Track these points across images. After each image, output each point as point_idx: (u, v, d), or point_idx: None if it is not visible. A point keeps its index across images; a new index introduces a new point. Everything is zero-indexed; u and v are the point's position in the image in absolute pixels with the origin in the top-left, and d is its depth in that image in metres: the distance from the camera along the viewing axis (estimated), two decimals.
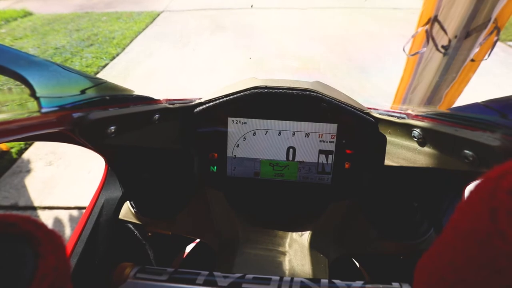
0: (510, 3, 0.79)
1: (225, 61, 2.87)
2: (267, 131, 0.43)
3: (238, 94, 0.41)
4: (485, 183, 0.14)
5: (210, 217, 0.49)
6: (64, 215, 1.55)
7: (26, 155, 1.94)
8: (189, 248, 0.56)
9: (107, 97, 0.31)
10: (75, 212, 1.56)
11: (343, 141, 0.42)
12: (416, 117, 0.35)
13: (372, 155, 0.41)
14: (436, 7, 0.91)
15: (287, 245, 0.49)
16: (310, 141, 0.42)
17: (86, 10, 4.67)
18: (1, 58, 0.24)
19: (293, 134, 0.42)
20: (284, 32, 3.37)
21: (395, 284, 0.28)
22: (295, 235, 0.50)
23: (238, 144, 0.44)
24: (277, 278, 0.29)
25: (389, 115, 0.38)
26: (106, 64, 2.97)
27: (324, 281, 0.28)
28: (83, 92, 0.29)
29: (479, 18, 0.87)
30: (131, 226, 0.43)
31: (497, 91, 2.26)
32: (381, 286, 0.28)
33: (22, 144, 2.02)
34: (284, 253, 0.48)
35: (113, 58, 3.10)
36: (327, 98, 0.40)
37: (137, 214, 0.44)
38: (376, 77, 2.40)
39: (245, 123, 0.43)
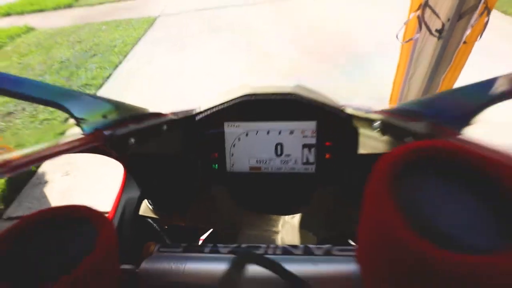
0: None
1: (219, 61, 2.91)
2: (257, 132, 0.50)
3: (231, 102, 0.48)
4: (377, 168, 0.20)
5: (216, 208, 0.57)
6: None
7: (43, 167, 2.04)
8: (202, 238, 0.65)
9: (127, 116, 0.40)
10: None
11: (322, 135, 0.49)
12: (376, 112, 0.41)
13: (347, 145, 0.48)
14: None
15: (280, 226, 0.59)
16: (294, 137, 0.50)
17: (85, 21, 4.75)
18: (49, 94, 0.33)
19: (279, 132, 0.50)
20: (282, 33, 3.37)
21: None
22: (287, 217, 0.59)
23: (234, 144, 0.52)
24: (265, 245, 0.36)
25: (358, 110, 0.45)
26: (110, 75, 3.04)
27: (301, 246, 0.35)
28: (110, 114, 0.38)
29: (469, 0, 0.88)
30: (150, 220, 0.51)
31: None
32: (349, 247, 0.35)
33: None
34: (277, 232, 0.58)
35: (116, 67, 3.17)
36: (305, 99, 0.47)
37: (154, 210, 0.52)
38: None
39: (239, 126, 0.51)
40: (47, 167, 2.01)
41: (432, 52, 1.05)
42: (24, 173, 1.97)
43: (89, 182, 1.83)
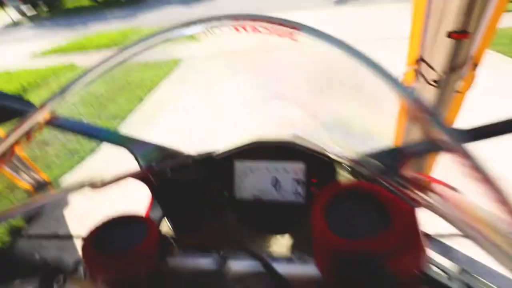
0: (483, 45, 0.91)
1: (235, 100, 3.12)
2: (259, 168, 0.63)
3: (242, 147, 0.63)
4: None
5: (226, 229, 0.69)
6: None
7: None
8: None
9: (167, 155, 0.58)
10: None
11: (309, 174, 0.61)
12: (349, 159, 0.54)
13: (328, 182, 0.60)
14: (420, 50, 1.04)
15: (274, 243, 0.73)
16: (287, 174, 0.62)
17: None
18: (120, 139, 0.54)
19: (277, 169, 0.62)
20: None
21: None
22: (279, 236, 0.73)
23: (241, 178, 0.65)
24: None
25: (338, 156, 0.57)
26: (135, 106, 3.33)
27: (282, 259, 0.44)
28: (155, 153, 0.57)
29: (460, 57, 0.99)
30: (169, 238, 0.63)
31: None
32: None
33: (61, 175, 2.27)
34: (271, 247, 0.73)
35: (141, 100, 3.47)
36: (298, 146, 0.61)
37: (173, 229, 0.64)
38: None
39: (246, 163, 0.64)
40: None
41: (431, 99, 1.14)
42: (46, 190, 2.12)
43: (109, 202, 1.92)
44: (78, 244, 1.70)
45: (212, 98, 3.27)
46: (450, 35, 0.95)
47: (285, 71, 3.64)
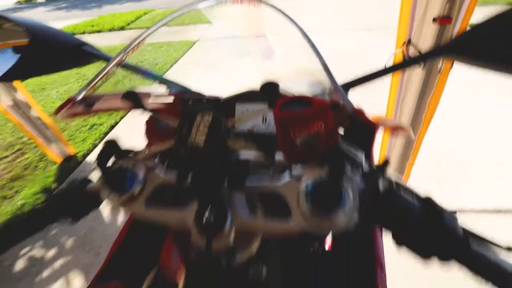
0: (461, 28, 1.01)
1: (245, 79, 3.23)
2: (253, 109, 0.69)
3: (240, 95, 0.68)
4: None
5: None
6: None
7: (89, 158, 2.41)
8: None
9: (190, 91, 0.65)
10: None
11: None
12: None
13: None
14: (408, 32, 1.14)
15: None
16: (271, 112, 0.74)
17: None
18: (158, 78, 0.57)
19: (265, 109, 0.67)
20: None
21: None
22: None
23: (239, 116, 0.72)
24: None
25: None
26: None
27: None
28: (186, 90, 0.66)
29: (444, 40, 1.08)
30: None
31: None
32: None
33: (86, 149, 2.50)
34: None
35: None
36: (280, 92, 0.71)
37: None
38: None
39: (244, 106, 0.70)
40: (92, 158, 2.38)
41: (419, 79, 1.24)
42: (72, 162, 2.36)
43: None
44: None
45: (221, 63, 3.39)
46: (435, 20, 1.05)
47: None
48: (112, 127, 2.82)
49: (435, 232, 0.29)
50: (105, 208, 1.90)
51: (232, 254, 0.35)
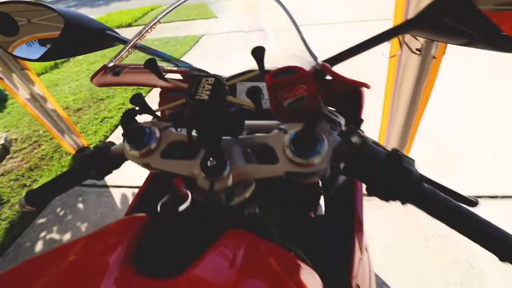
0: None
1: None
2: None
3: (241, 74, 0.69)
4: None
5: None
6: (129, 192, 2.04)
7: None
8: None
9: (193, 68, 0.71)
10: (136, 191, 2.03)
11: None
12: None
13: None
14: (403, 18, 1.18)
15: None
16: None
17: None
18: (176, 61, 0.65)
19: (262, 87, 0.73)
20: None
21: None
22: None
23: (240, 93, 0.77)
24: None
25: None
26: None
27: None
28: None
29: None
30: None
31: None
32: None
33: (97, 140, 2.62)
34: None
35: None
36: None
37: None
38: None
39: (244, 84, 0.76)
40: None
41: (415, 66, 1.28)
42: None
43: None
44: (113, 191, 2.05)
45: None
46: None
47: None
48: None
49: (395, 176, 0.35)
50: (116, 196, 2.01)
51: (231, 196, 0.43)
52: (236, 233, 0.32)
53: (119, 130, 2.77)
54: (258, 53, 0.38)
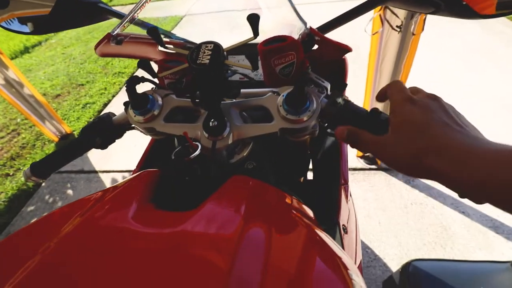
0: None
1: None
2: (245, 59, 0.77)
3: (233, 46, 0.75)
4: None
5: None
6: (118, 176, 2.03)
7: None
8: None
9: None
10: (126, 175, 2.03)
11: None
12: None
13: None
14: None
15: None
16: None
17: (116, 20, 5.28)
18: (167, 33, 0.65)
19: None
20: None
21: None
22: None
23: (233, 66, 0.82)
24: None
25: None
26: None
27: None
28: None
29: None
30: None
31: None
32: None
33: (81, 126, 2.55)
34: None
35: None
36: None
37: None
38: None
39: (234, 57, 0.74)
40: None
41: (396, 43, 1.33)
42: (69, 140, 2.42)
43: (126, 143, 2.22)
44: (102, 177, 2.05)
45: None
46: None
47: None
48: (105, 104, 2.86)
49: (375, 126, 0.40)
50: (105, 180, 2.01)
51: (231, 154, 0.47)
52: (241, 177, 0.36)
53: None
54: (253, 19, 0.41)
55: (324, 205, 0.56)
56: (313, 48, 0.55)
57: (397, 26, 1.28)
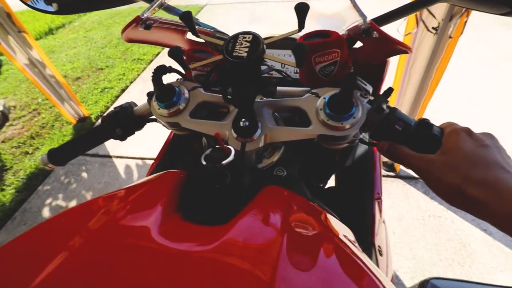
0: None
1: None
2: (278, 54, 0.68)
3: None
4: None
5: None
6: (132, 163, 2.05)
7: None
8: None
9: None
10: (139, 162, 2.05)
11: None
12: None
13: None
14: None
15: None
16: (290, 57, 0.68)
17: (140, 5, 5.27)
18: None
19: (284, 55, 0.66)
20: None
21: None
22: None
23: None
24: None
25: None
26: (159, 52, 3.48)
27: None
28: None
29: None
30: None
31: None
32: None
33: (98, 111, 2.59)
34: None
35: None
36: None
37: None
38: None
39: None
40: None
41: (430, 45, 1.25)
42: (86, 123, 2.45)
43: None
44: (115, 162, 2.07)
45: None
46: None
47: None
48: (123, 90, 2.88)
49: (427, 141, 0.36)
50: (119, 166, 2.03)
51: (260, 158, 0.43)
52: (275, 188, 0.33)
53: (120, 101, 2.73)
54: (301, 9, 0.36)
55: (353, 218, 0.52)
56: (354, 46, 0.50)
57: (433, 28, 1.20)
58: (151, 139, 2.14)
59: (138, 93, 2.84)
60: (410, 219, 1.54)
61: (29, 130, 2.47)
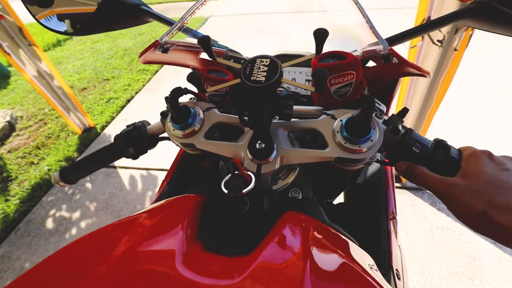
0: None
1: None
2: (289, 71, 0.68)
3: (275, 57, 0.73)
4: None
5: None
6: (136, 173, 2.05)
7: (107, 130, 2.52)
8: None
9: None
10: (144, 172, 2.05)
11: None
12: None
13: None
14: (428, 9, 1.15)
15: None
16: (301, 75, 0.66)
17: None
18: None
19: (294, 72, 0.67)
20: None
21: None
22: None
23: None
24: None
25: None
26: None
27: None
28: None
29: None
30: None
31: None
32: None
33: (104, 121, 2.61)
34: None
35: None
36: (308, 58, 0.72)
37: None
38: None
39: None
40: (110, 130, 2.48)
41: (435, 58, 1.26)
42: (91, 133, 2.46)
43: None
44: (120, 172, 2.07)
45: None
46: None
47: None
48: (128, 100, 2.91)
49: (444, 163, 0.36)
50: (123, 177, 2.03)
51: (275, 179, 0.43)
52: (294, 214, 0.33)
53: (126, 111, 2.76)
54: (320, 35, 0.37)
55: (368, 239, 0.51)
56: (366, 65, 0.50)
57: (438, 41, 1.21)
58: (155, 150, 2.14)
59: (143, 103, 2.86)
60: (418, 231, 1.51)
61: (35, 140, 2.49)
